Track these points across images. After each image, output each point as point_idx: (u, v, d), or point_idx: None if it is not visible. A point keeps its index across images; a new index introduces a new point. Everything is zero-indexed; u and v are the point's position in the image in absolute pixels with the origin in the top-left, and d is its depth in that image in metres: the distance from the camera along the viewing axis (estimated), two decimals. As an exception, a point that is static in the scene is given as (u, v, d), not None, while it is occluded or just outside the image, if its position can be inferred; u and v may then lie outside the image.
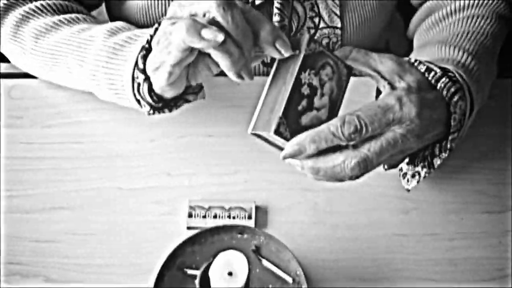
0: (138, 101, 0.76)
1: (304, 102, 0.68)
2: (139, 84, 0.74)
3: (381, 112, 0.67)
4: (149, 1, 0.91)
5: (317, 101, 0.68)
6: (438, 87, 0.72)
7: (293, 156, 0.67)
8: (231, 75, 0.67)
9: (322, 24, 0.92)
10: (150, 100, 0.74)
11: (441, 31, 0.88)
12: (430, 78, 0.72)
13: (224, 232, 0.77)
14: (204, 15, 0.66)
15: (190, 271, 0.75)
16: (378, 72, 0.70)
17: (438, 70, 0.73)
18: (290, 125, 0.67)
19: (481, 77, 0.79)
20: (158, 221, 0.81)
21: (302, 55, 0.67)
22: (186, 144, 0.86)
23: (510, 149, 0.86)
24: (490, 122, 0.88)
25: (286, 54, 0.67)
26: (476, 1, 0.89)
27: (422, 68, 0.73)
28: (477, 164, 0.85)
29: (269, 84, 0.68)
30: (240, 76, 0.67)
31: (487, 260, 0.79)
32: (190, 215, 0.81)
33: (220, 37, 0.64)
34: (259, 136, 0.69)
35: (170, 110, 0.77)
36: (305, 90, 0.68)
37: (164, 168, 0.84)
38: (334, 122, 0.66)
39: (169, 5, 0.89)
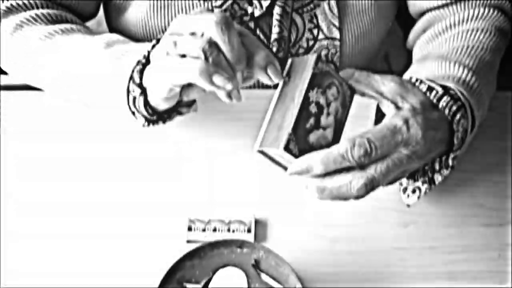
0: (133, 113, 0.77)
1: (312, 120, 0.68)
2: (134, 98, 0.75)
3: (390, 135, 0.67)
4: (148, 14, 0.91)
5: (323, 120, 0.69)
6: (440, 106, 0.72)
7: (299, 174, 0.68)
8: (221, 95, 0.68)
9: (321, 36, 0.92)
10: (145, 113, 0.75)
11: (441, 44, 0.88)
12: (432, 98, 0.72)
13: (224, 246, 0.77)
14: (202, 34, 0.67)
15: (189, 285, 0.75)
16: (381, 94, 0.71)
17: (439, 89, 0.73)
18: (298, 142, 0.67)
19: (482, 93, 0.79)
20: (158, 234, 0.80)
21: (310, 73, 0.68)
22: (185, 158, 0.86)
23: (510, 162, 0.86)
24: (490, 135, 0.87)
25: (276, 81, 0.69)
26: (476, 14, 0.89)
27: (424, 87, 0.73)
28: (476, 177, 0.85)
29: (276, 101, 0.69)
30: (229, 97, 0.69)
31: (487, 274, 0.79)
32: (189, 229, 0.80)
33: (229, 86, 0.65)
34: (264, 154, 0.69)
35: (164, 122, 0.77)
36: (313, 108, 0.68)
37: (164, 182, 0.84)
38: (344, 145, 0.66)
39: (167, 18, 0.90)
